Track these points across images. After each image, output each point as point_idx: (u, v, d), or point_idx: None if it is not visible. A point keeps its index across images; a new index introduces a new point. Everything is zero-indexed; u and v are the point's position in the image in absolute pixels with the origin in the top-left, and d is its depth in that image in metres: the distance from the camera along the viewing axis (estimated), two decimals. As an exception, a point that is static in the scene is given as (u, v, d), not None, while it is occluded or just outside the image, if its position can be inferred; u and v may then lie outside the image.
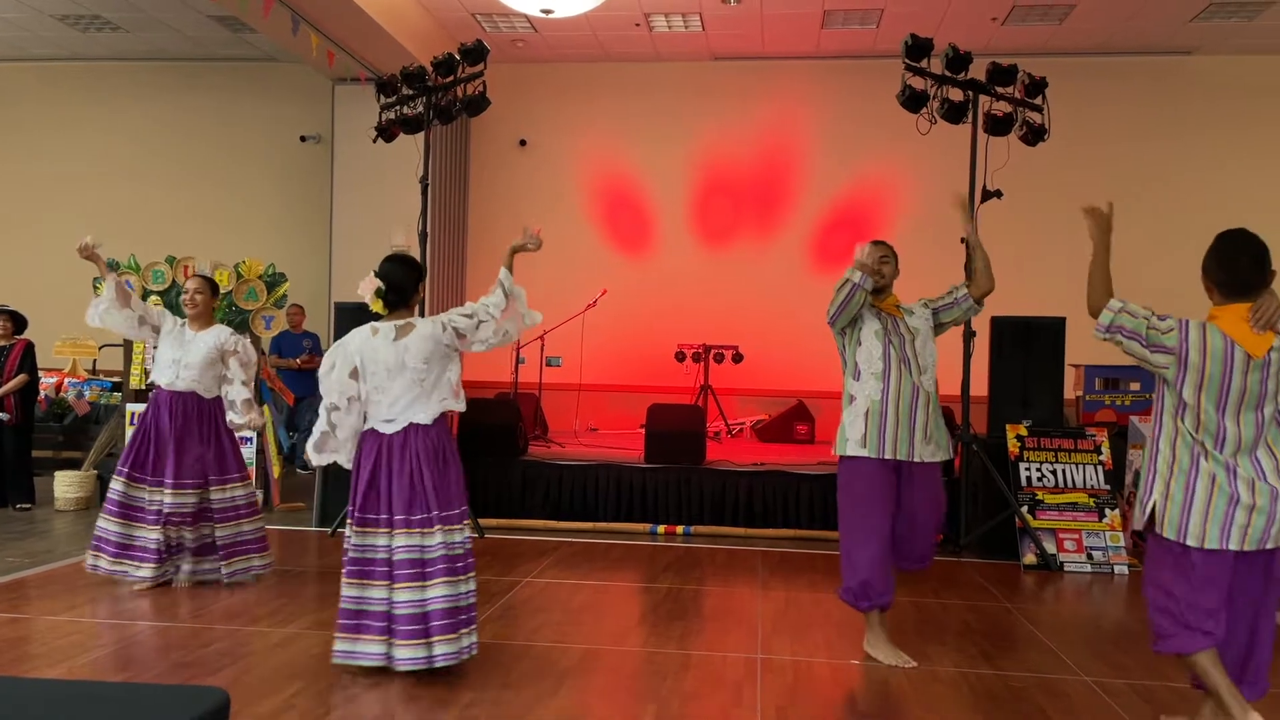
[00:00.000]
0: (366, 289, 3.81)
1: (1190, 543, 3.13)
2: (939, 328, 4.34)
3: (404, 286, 3.86)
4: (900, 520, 4.12)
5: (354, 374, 3.82)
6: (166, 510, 4.99)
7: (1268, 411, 3.15)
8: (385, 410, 3.79)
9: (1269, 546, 3.14)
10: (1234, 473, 3.13)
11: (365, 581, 3.74)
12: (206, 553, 5.14)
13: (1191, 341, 3.13)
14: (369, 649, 3.70)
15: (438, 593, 3.71)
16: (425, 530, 3.73)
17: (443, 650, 3.69)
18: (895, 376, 4.08)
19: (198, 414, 5.14)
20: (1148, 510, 3.26)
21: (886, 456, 4.04)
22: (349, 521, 3.81)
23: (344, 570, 3.78)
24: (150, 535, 5.00)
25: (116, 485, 5.07)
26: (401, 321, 3.84)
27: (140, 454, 5.08)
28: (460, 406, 3.89)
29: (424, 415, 3.79)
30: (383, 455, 3.78)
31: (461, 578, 3.77)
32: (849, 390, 4.19)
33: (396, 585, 3.70)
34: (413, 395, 3.77)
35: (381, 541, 3.74)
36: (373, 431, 3.83)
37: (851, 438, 4.11)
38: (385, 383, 3.77)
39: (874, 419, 4.06)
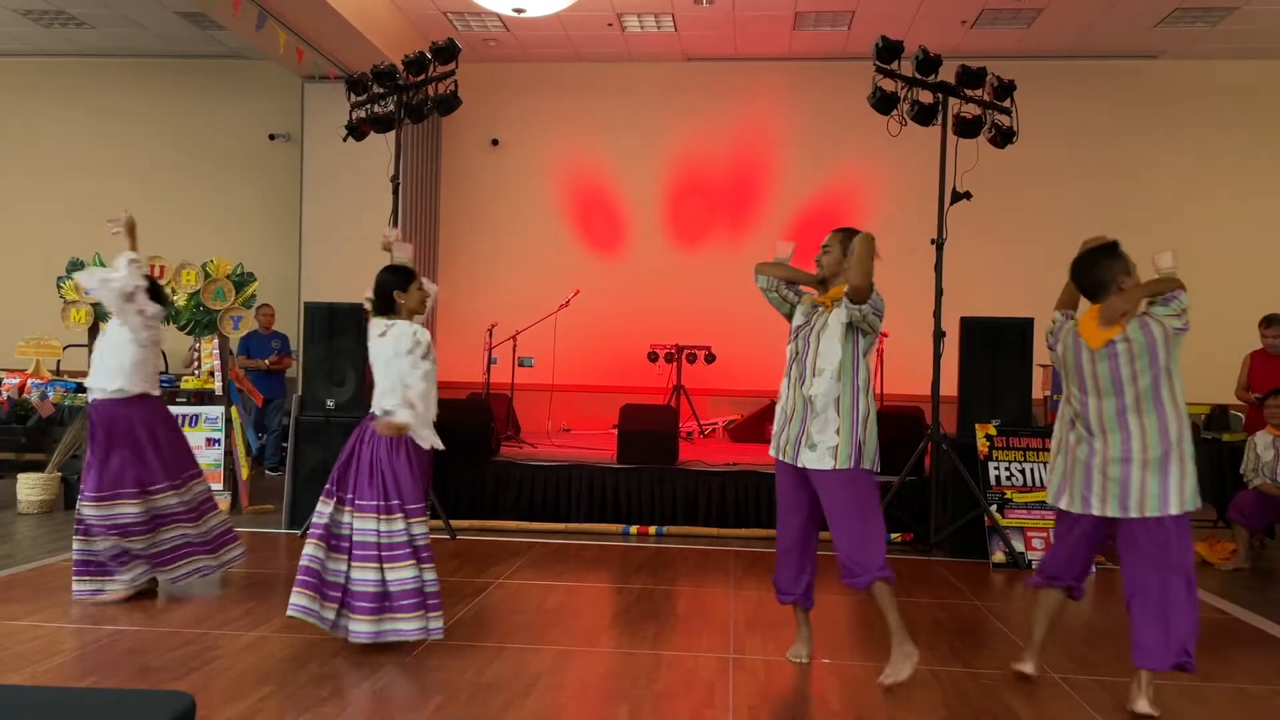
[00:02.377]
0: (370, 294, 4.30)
1: (1048, 500, 3.82)
2: (849, 326, 3.90)
3: (382, 294, 4.22)
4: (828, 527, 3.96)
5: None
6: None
7: (1128, 398, 3.52)
8: (375, 397, 4.19)
9: (1094, 511, 3.59)
10: (1092, 447, 3.61)
11: (331, 552, 4.06)
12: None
13: (1060, 338, 3.78)
14: (325, 614, 4.02)
15: (404, 575, 4.01)
16: (388, 516, 4.03)
17: (405, 627, 4.00)
18: (793, 377, 4.00)
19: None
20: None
21: (781, 458, 4.06)
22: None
23: (311, 532, 4.10)
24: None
25: None
26: (389, 322, 4.21)
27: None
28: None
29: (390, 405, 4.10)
30: (361, 437, 4.16)
31: (427, 565, 4.08)
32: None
33: (355, 563, 4.02)
34: (387, 384, 4.11)
35: (345, 519, 4.08)
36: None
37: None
38: (381, 372, 4.17)
39: (777, 419, 4.11)
